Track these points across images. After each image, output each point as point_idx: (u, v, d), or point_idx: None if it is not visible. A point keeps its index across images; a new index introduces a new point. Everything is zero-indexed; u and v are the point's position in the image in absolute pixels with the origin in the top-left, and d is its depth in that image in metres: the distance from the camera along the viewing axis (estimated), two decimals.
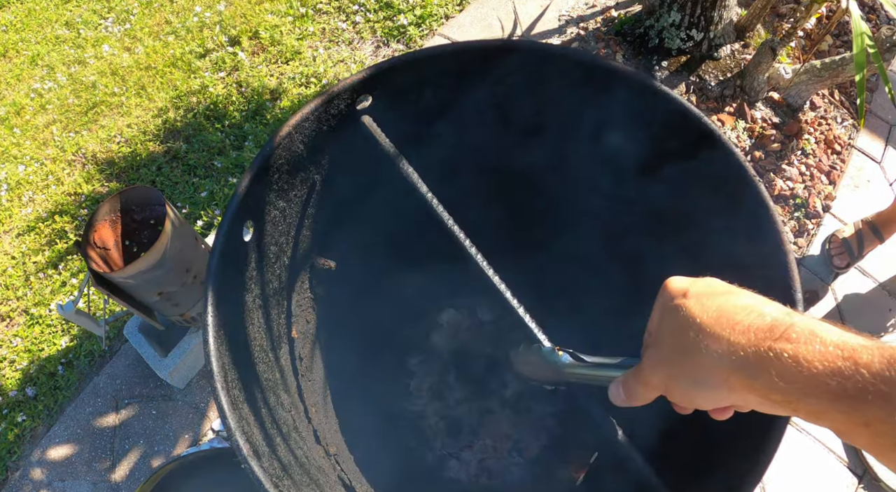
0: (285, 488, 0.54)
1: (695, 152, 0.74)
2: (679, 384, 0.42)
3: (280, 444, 0.63)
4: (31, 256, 1.83)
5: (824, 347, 0.34)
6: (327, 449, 0.79)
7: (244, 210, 0.70)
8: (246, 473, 0.98)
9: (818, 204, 1.87)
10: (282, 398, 0.72)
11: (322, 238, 0.89)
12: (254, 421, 0.60)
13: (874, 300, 1.79)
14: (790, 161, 1.90)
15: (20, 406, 1.65)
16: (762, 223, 0.71)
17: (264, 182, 0.74)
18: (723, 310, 0.39)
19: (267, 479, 0.53)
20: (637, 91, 0.75)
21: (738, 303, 0.39)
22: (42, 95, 2.20)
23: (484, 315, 1.27)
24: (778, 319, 0.37)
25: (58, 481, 1.57)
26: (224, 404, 0.55)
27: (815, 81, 1.88)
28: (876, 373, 0.32)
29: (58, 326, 1.73)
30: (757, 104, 1.95)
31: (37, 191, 1.96)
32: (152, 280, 1.24)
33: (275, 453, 0.60)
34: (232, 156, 1.82)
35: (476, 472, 1.18)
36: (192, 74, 2.05)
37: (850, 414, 0.32)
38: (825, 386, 0.33)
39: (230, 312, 0.65)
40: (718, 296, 0.41)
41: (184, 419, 1.56)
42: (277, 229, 0.79)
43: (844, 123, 2.07)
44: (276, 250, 0.79)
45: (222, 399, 0.56)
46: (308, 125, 0.76)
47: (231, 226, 0.67)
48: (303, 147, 0.77)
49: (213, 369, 0.57)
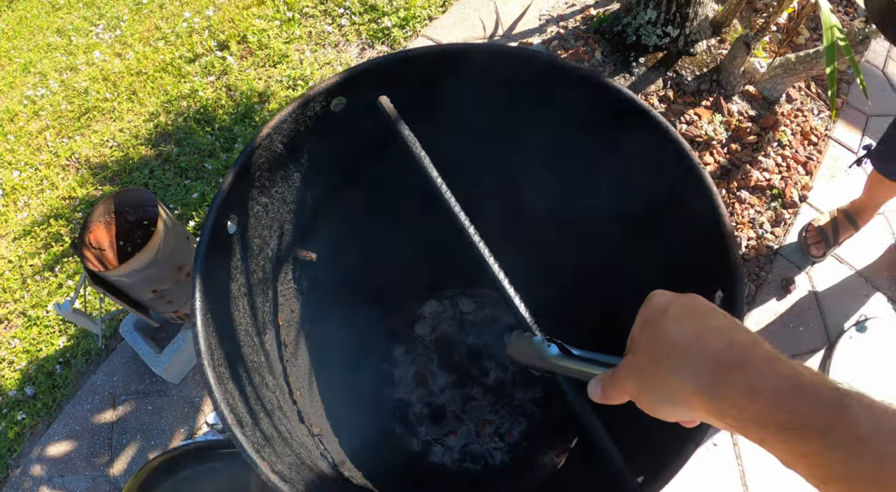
0: (266, 456, 0.58)
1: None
2: (647, 396, 0.45)
3: (263, 418, 0.68)
4: (27, 260, 1.87)
5: (778, 381, 0.37)
6: (311, 429, 0.84)
7: (228, 205, 0.74)
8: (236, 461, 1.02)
9: (795, 194, 1.92)
10: (266, 379, 0.76)
11: (302, 232, 0.93)
12: (238, 396, 0.64)
13: (851, 287, 1.84)
14: (766, 153, 1.95)
15: (20, 405, 1.70)
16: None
17: (247, 179, 0.79)
18: (697, 333, 0.42)
19: (249, 445, 0.58)
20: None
21: (713, 327, 0.42)
22: (35, 102, 2.24)
23: (465, 307, 1.32)
24: (744, 349, 0.39)
25: (57, 476, 1.61)
26: (210, 378, 0.60)
27: (790, 74, 1.93)
28: (817, 409, 0.35)
29: (55, 326, 1.78)
30: (733, 98, 2.00)
31: (32, 196, 2.01)
32: (146, 278, 1.28)
33: (258, 425, 0.65)
34: (222, 158, 1.86)
35: (459, 456, 1.23)
36: (182, 79, 2.10)
37: (791, 444, 0.36)
38: (771, 417, 0.36)
39: (217, 299, 0.70)
40: (696, 318, 0.43)
41: (179, 414, 1.61)
42: (260, 223, 0.83)
43: (821, 115, 2.12)
44: (260, 243, 0.84)
45: (208, 374, 0.60)
46: (286, 126, 0.80)
47: (216, 219, 0.72)
48: (282, 147, 0.82)
49: (201, 348, 0.61)
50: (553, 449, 1.25)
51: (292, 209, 0.89)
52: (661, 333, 0.44)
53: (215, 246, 0.71)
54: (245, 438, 0.58)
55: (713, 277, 0.73)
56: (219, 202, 0.72)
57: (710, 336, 0.41)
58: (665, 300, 0.46)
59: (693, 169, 0.76)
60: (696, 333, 0.42)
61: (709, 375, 0.40)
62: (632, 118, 0.78)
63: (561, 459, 1.24)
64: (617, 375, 0.48)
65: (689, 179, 0.75)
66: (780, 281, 1.80)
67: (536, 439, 1.26)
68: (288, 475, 0.60)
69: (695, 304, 0.45)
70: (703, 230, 0.74)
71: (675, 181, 0.77)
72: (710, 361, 0.40)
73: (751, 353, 0.39)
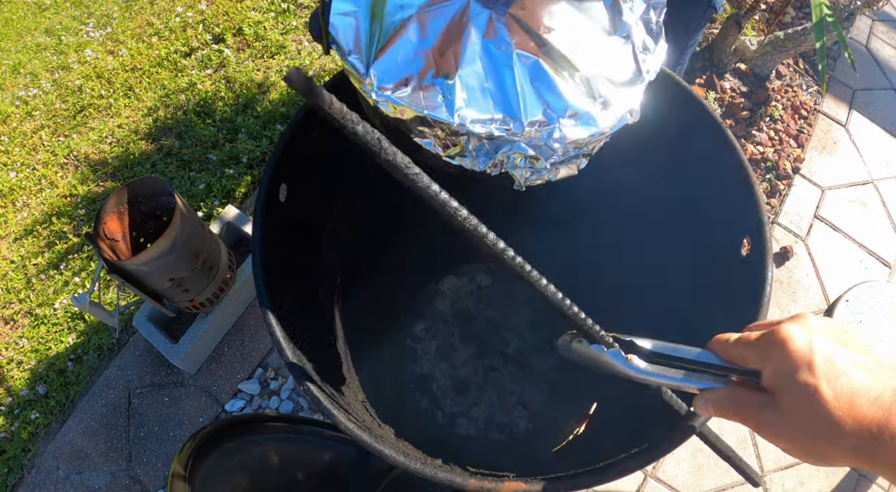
0: (338, 410, 0.60)
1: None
2: (799, 450, 0.45)
3: (324, 378, 0.70)
4: (30, 259, 1.86)
5: None
6: (357, 396, 0.85)
7: (280, 172, 0.75)
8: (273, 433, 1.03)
9: (788, 166, 1.98)
10: (316, 347, 0.78)
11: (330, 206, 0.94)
12: (302, 356, 0.66)
13: (845, 253, 1.90)
14: (760, 127, 2.00)
15: (32, 404, 1.69)
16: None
17: (297, 147, 0.79)
18: (853, 399, 0.41)
19: (325, 398, 0.59)
20: None
21: (866, 389, 0.42)
22: (28, 102, 2.22)
23: (483, 281, 1.34)
24: (890, 408, 0.40)
25: (75, 474, 1.60)
26: (279, 337, 0.61)
27: (780, 51, 1.98)
28: None
29: (64, 324, 1.77)
30: (725, 75, 2.05)
31: (31, 195, 1.99)
32: (164, 266, 1.29)
33: (324, 382, 0.66)
34: (226, 149, 1.86)
35: (485, 426, 1.25)
36: (179, 73, 2.09)
37: None
38: None
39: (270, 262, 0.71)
40: (845, 375, 0.42)
41: (197, 403, 1.61)
42: (308, 192, 0.84)
43: (809, 90, 2.17)
44: (305, 212, 0.85)
45: (277, 333, 0.61)
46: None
47: (271, 184, 0.73)
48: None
49: (266, 302, 0.62)
50: (572, 417, 1.28)
51: (324, 183, 0.90)
52: (816, 401, 0.42)
53: (269, 207, 0.72)
54: (319, 390, 0.59)
55: (740, 224, 0.76)
56: (272, 168, 0.73)
57: (864, 402, 0.41)
58: (805, 350, 0.44)
59: (717, 128, 0.79)
60: (853, 400, 0.42)
61: (867, 441, 0.41)
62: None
63: (581, 425, 1.27)
64: (751, 414, 0.47)
65: (715, 138, 0.78)
66: (778, 249, 1.85)
67: (557, 406, 1.29)
68: (362, 424, 0.62)
69: (835, 355, 0.43)
70: (727, 180, 0.77)
71: (700, 142, 0.81)
72: (867, 430, 0.41)
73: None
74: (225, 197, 1.81)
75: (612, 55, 0.65)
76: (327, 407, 0.58)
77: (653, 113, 0.69)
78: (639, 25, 0.68)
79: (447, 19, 0.63)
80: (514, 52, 0.62)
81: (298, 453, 1.08)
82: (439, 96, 0.60)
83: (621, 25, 0.67)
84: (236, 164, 1.85)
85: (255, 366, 1.64)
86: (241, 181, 1.84)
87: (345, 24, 0.64)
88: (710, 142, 0.80)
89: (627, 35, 0.66)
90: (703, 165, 0.82)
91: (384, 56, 0.61)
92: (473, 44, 0.62)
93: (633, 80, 0.65)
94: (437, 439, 1.22)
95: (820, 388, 0.42)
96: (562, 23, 0.64)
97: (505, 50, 0.62)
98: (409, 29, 0.63)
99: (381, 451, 0.58)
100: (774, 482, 1.55)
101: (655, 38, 0.68)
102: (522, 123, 0.60)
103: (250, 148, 1.85)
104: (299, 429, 1.08)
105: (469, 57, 0.61)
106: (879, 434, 0.40)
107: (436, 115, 0.59)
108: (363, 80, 0.61)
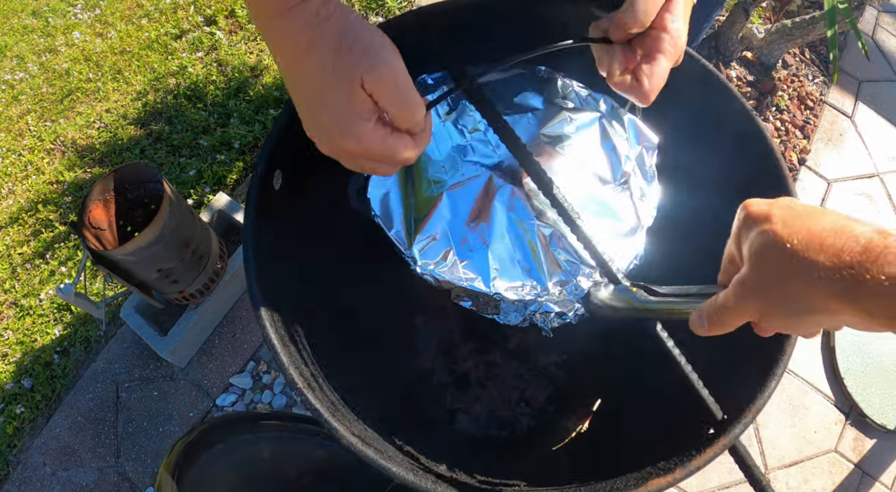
0: (340, 419, 0.55)
1: None
2: (777, 313, 0.42)
3: (323, 383, 0.65)
4: (16, 248, 1.80)
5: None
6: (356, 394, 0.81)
7: (274, 159, 0.70)
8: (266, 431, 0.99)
9: (794, 158, 1.94)
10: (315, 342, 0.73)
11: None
12: (300, 359, 0.61)
13: None
14: (766, 117, 1.95)
15: (18, 398, 1.64)
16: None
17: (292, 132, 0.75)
18: (812, 232, 0.39)
19: (325, 410, 0.54)
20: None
21: (825, 225, 0.39)
22: (14, 86, 2.15)
23: None
24: (872, 241, 0.36)
25: (62, 470, 1.56)
26: (274, 341, 0.57)
27: (787, 40, 1.93)
28: None
29: (50, 315, 1.71)
30: (731, 64, 2.00)
31: (16, 182, 1.92)
32: (152, 256, 1.23)
33: (322, 389, 0.62)
34: (217, 133, 1.80)
35: (486, 423, 1.21)
36: (169, 56, 2.02)
37: None
38: None
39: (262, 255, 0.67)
40: (804, 218, 0.40)
41: (186, 398, 1.56)
42: (305, 179, 0.79)
43: (815, 80, 2.13)
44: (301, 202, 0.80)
45: (272, 337, 0.57)
46: None
47: (265, 172, 0.68)
48: None
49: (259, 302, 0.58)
50: (576, 413, 1.24)
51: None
52: (774, 241, 0.40)
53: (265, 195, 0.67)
54: (318, 401, 0.55)
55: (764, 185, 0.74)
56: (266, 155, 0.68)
57: (827, 235, 0.38)
58: (763, 208, 0.43)
59: (736, 102, 0.76)
60: (812, 233, 0.39)
61: (841, 274, 0.37)
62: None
63: (584, 422, 1.23)
64: (728, 301, 0.44)
65: (740, 116, 0.74)
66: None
67: (560, 402, 1.25)
68: (366, 438, 0.57)
69: (795, 205, 0.42)
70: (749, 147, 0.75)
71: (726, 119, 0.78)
72: (837, 260, 0.37)
73: (881, 244, 0.36)
74: (216, 184, 1.75)
75: (614, 208, 0.73)
76: (329, 421, 0.53)
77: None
78: (636, 173, 0.76)
79: (475, 195, 0.72)
80: (535, 225, 0.71)
81: (291, 451, 1.04)
82: (475, 269, 0.69)
83: (619, 174, 0.75)
84: (228, 149, 1.79)
85: (247, 359, 1.59)
86: (232, 167, 1.78)
87: (382, 198, 0.73)
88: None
89: (626, 182, 0.75)
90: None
91: (423, 232, 0.70)
92: (500, 218, 0.71)
93: (634, 229, 0.73)
94: (437, 436, 1.18)
95: (777, 230, 0.41)
96: (567, 182, 0.72)
97: (528, 223, 0.71)
98: (443, 206, 0.71)
99: (388, 469, 0.54)
100: (778, 480, 1.52)
101: (650, 181, 0.77)
102: (547, 287, 0.69)
103: (242, 133, 1.79)
104: (293, 427, 1.04)
105: (498, 231, 0.70)
106: (860, 269, 0.36)
107: (474, 286, 0.68)
108: (406, 253, 0.70)
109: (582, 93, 0.85)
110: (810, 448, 1.56)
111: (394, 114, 0.49)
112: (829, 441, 1.58)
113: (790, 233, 0.40)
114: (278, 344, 0.57)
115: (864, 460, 1.57)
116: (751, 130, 0.78)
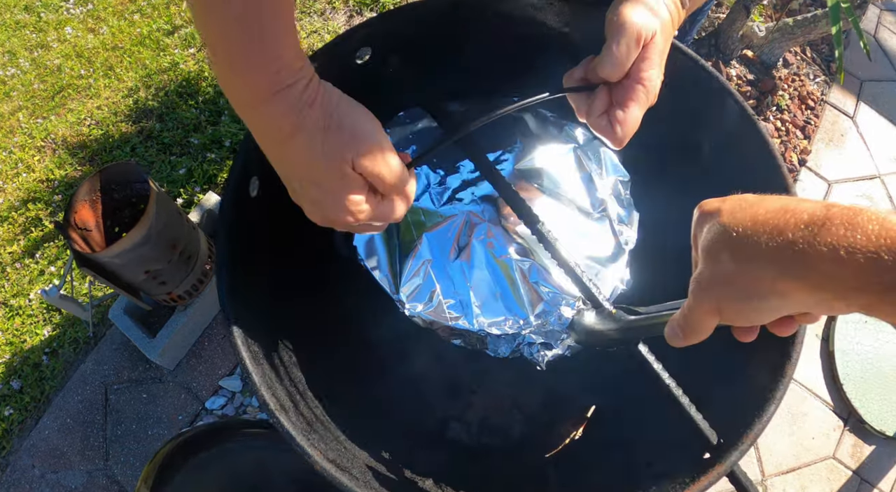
0: (315, 443, 0.53)
1: None
2: (731, 303, 0.40)
3: (300, 401, 0.63)
4: (5, 247, 1.78)
5: (866, 239, 0.32)
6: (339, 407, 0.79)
7: (250, 166, 0.68)
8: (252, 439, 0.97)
9: (794, 158, 1.91)
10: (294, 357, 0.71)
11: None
12: (274, 377, 0.59)
13: None
14: (766, 117, 1.93)
15: (6, 400, 1.62)
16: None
17: None
18: (756, 217, 0.38)
19: (298, 433, 0.52)
20: None
21: (770, 207, 0.38)
22: (5, 82, 2.12)
23: None
24: (814, 214, 0.35)
25: (51, 473, 1.54)
26: (245, 359, 0.54)
27: (788, 39, 1.91)
28: None
29: (39, 315, 1.69)
30: (731, 62, 1.97)
31: (6, 180, 1.90)
32: (138, 258, 1.21)
33: (297, 408, 0.60)
34: (208, 131, 1.78)
35: (477, 431, 1.19)
36: (161, 52, 1.99)
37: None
38: (871, 279, 0.31)
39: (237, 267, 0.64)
40: (752, 205, 0.40)
41: (176, 400, 1.54)
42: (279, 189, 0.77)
43: (817, 80, 2.10)
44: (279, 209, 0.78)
45: (243, 354, 0.55)
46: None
47: (239, 179, 0.66)
48: None
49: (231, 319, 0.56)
50: (569, 419, 1.22)
51: None
52: (719, 232, 0.40)
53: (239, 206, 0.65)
54: (291, 424, 0.52)
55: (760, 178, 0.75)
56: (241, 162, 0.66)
57: (770, 217, 0.37)
58: (713, 205, 0.43)
59: (737, 107, 0.77)
60: (756, 218, 0.38)
61: (783, 251, 0.35)
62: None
63: (578, 429, 1.21)
64: (689, 302, 0.43)
65: (741, 121, 0.75)
66: None
67: (554, 409, 1.23)
68: (342, 463, 0.55)
69: (746, 197, 0.41)
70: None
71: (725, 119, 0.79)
72: (780, 237, 0.35)
73: (823, 215, 0.34)
74: (206, 182, 1.72)
75: (595, 236, 0.75)
76: (302, 446, 0.51)
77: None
78: (612, 201, 0.78)
79: (454, 234, 0.74)
80: (513, 260, 0.73)
81: (278, 459, 1.02)
82: (459, 308, 0.71)
83: (597, 203, 0.77)
84: (219, 148, 1.77)
85: (237, 362, 1.56)
86: (223, 166, 1.75)
87: (367, 243, 0.75)
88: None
89: (604, 210, 0.77)
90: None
91: (407, 273, 0.72)
92: (479, 257, 0.72)
93: (616, 254, 0.74)
94: (427, 445, 1.15)
95: (723, 221, 0.40)
96: (548, 216, 0.72)
97: (505, 258, 0.73)
98: (423, 247, 0.73)
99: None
100: (776, 487, 1.50)
101: (628, 209, 0.78)
102: (529, 320, 0.70)
103: (233, 131, 1.76)
104: (279, 435, 1.02)
105: (477, 270, 0.72)
106: (804, 244, 0.34)
107: (459, 324, 0.70)
108: (395, 298, 0.72)
109: (556, 124, 0.86)
110: (808, 455, 1.54)
111: (384, 186, 0.52)
112: (827, 448, 1.56)
113: (735, 222, 0.39)
114: (250, 363, 0.55)
115: (862, 467, 1.55)
116: (749, 131, 0.76)
